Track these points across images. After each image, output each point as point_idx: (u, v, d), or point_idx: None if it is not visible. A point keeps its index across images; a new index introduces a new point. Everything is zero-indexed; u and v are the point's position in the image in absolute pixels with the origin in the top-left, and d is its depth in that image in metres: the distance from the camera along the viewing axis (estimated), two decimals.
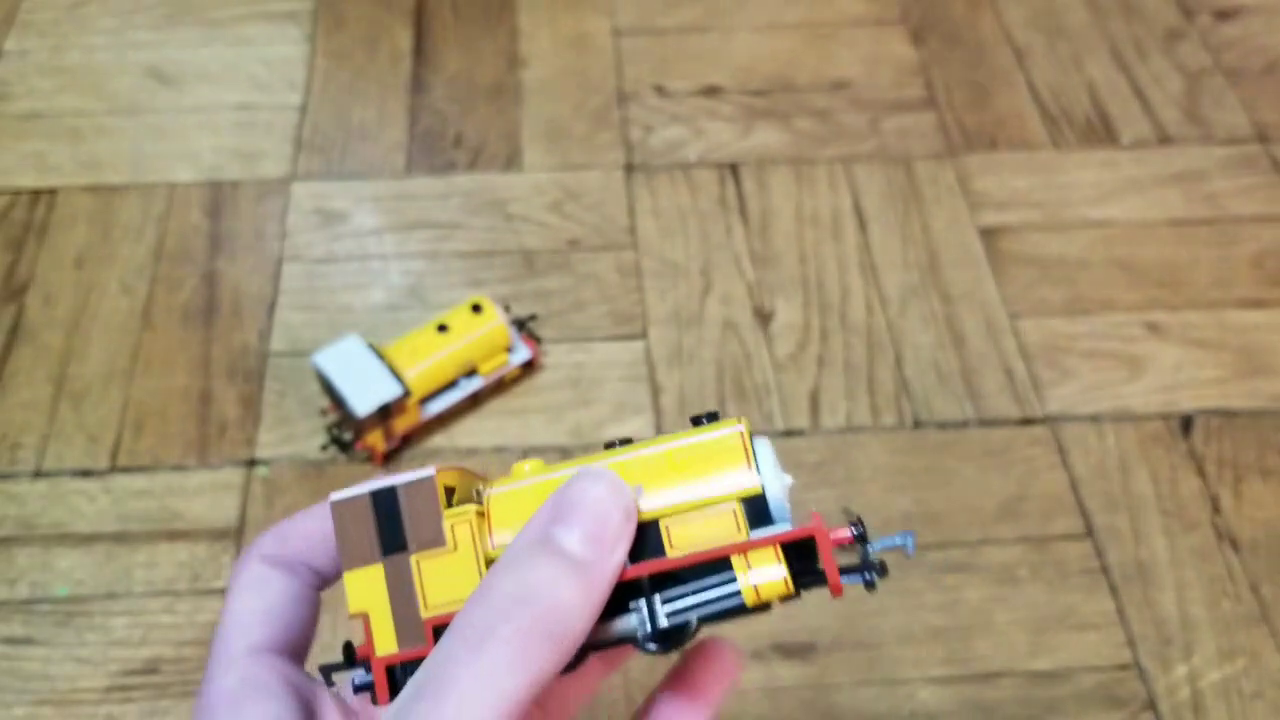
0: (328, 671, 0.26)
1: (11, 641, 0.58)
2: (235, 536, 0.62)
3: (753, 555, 0.25)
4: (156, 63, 0.87)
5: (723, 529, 0.25)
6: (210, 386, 0.68)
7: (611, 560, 0.24)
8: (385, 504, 0.26)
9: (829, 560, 0.25)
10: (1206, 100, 0.86)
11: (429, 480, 0.26)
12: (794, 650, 0.59)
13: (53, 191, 0.78)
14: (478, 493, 0.27)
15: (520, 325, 0.68)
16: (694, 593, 0.25)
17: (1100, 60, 0.89)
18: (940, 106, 0.85)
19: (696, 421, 0.28)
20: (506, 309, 0.69)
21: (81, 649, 0.58)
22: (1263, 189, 0.80)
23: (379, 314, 0.72)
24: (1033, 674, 0.58)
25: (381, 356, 0.63)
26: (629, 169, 0.81)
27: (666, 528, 0.25)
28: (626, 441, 0.27)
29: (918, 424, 0.67)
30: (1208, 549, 0.62)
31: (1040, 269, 0.75)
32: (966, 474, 0.65)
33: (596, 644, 0.25)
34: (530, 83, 0.87)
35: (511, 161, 0.81)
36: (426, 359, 0.64)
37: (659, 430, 0.66)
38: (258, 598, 0.27)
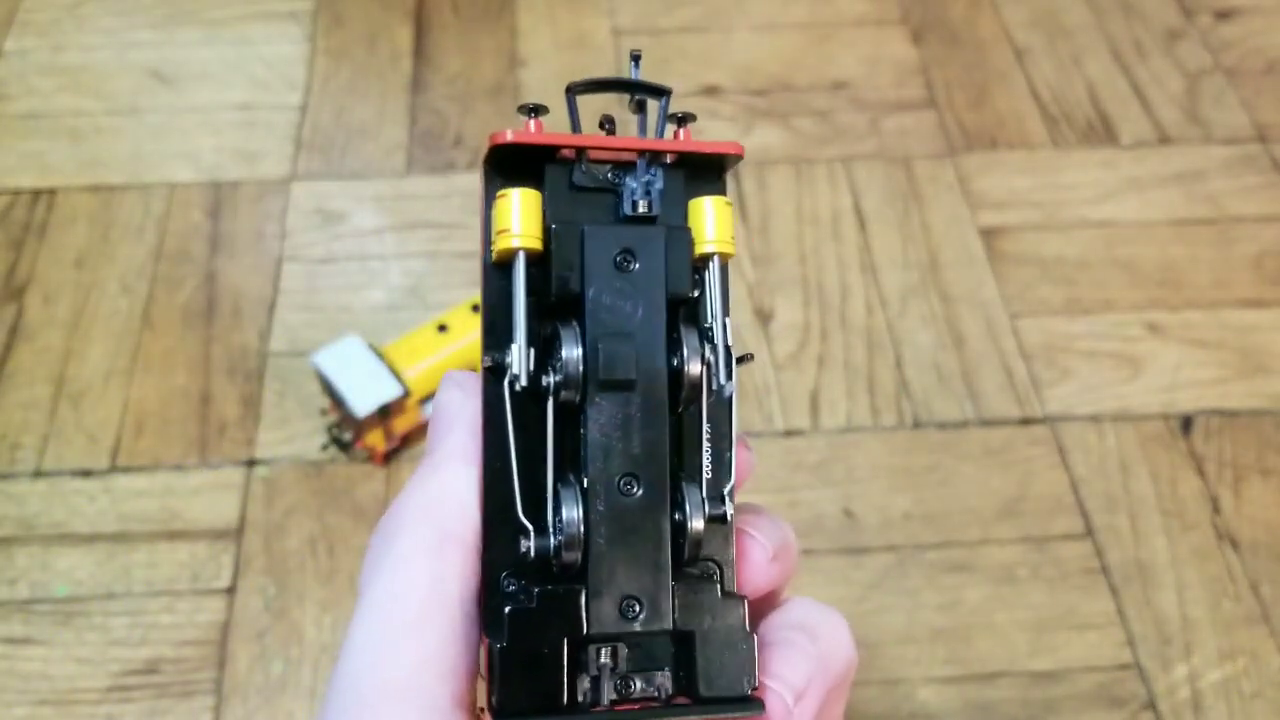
0: None
1: (11, 641, 0.58)
2: (235, 536, 0.62)
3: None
4: (156, 63, 0.87)
5: None
6: (210, 386, 0.68)
7: None
8: None
9: None
10: (1206, 100, 0.86)
11: None
12: None
13: (53, 191, 0.78)
14: None
15: None
16: None
17: (1100, 60, 0.89)
18: (940, 106, 0.85)
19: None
20: None
21: (81, 649, 0.58)
22: (1263, 189, 0.80)
23: (379, 314, 0.72)
24: (1033, 674, 0.58)
25: (381, 356, 0.63)
26: None
27: None
28: None
29: (917, 424, 0.67)
30: (1208, 549, 0.62)
31: (1040, 269, 0.75)
32: (966, 474, 0.65)
33: None
34: (530, 83, 0.87)
35: None
36: (426, 359, 0.64)
37: None
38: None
